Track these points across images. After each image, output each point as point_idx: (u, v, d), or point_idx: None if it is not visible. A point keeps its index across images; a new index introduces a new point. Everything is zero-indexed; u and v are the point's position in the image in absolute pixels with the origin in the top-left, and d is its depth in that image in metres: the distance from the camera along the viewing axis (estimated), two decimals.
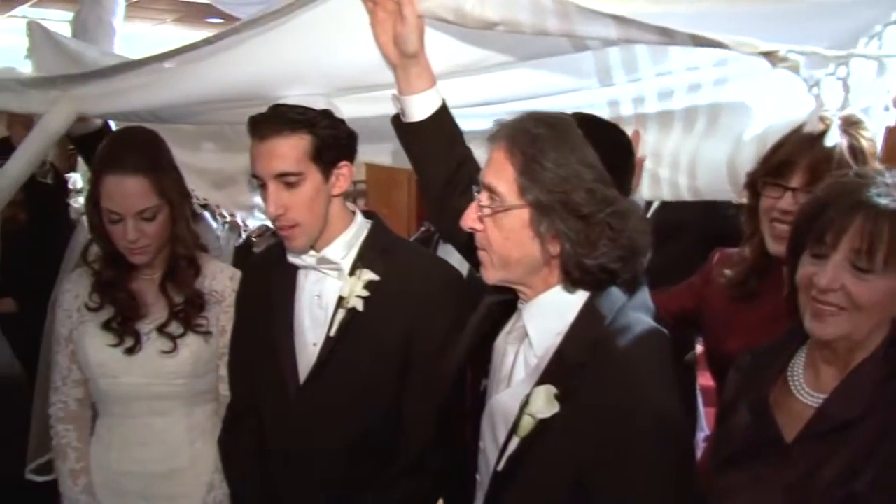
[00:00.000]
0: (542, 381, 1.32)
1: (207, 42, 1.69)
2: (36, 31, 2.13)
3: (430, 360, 1.67)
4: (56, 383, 1.95)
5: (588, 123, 1.36)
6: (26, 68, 2.06)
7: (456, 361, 1.61)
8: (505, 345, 1.47)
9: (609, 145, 1.34)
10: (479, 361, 1.54)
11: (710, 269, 1.94)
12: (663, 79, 1.86)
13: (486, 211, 1.35)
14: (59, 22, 2.22)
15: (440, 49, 1.63)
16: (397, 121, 1.70)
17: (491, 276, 1.40)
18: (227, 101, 1.81)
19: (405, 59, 1.59)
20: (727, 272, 1.83)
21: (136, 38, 2.18)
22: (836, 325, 1.30)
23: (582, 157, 1.30)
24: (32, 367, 2.19)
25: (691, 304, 1.92)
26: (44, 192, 2.20)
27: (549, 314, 1.37)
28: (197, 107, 1.88)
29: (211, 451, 1.92)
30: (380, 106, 1.77)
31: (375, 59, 1.63)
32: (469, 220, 1.38)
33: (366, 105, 1.82)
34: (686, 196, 2.01)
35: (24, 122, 2.13)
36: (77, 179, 3.43)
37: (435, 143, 1.68)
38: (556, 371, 1.32)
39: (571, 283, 1.35)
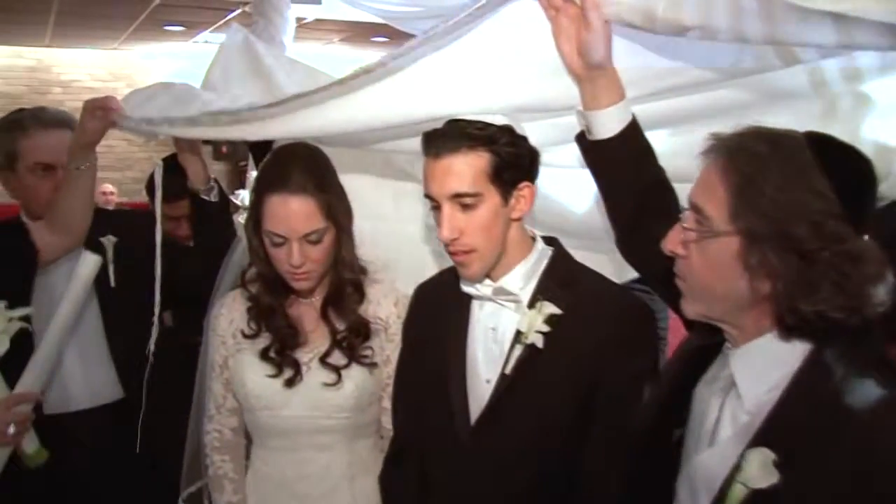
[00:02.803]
0: (755, 442, 1.15)
1: (381, 64, 1.58)
2: (235, 34, 2.10)
3: (616, 405, 1.49)
4: (210, 411, 1.90)
5: (822, 145, 1.16)
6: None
7: (649, 411, 1.42)
8: (708, 395, 1.28)
9: (846, 173, 1.14)
10: (673, 407, 1.35)
11: None
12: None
13: (692, 235, 1.20)
14: None
15: (628, 59, 1.47)
16: (582, 139, 1.55)
17: (690, 309, 1.26)
18: (398, 126, 1.70)
19: (591, 71, 1.44)
20: None
21: (304, 57, 2.19)
22: None
23: (809, 184, 1.11)
24: (188, 386, 2.18)
25: None
26: (209, 209, 2.16)
27: (762, 364, 1.20)
28: (366, 134, 1.78)
29: (372, 486, 1.80)
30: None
31: (558, 71, 1.49)
32: (671, 243, 1.24)
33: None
34: None
35: (191, 142, 2.10)
36: (245, 196, 3.49)
37: (624, 161, 1.51)
38: (775, 433, 1.14)
39: (786, 329, 1.16)
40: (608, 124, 1.48)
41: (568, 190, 1.92)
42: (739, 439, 1.17)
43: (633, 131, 1.49)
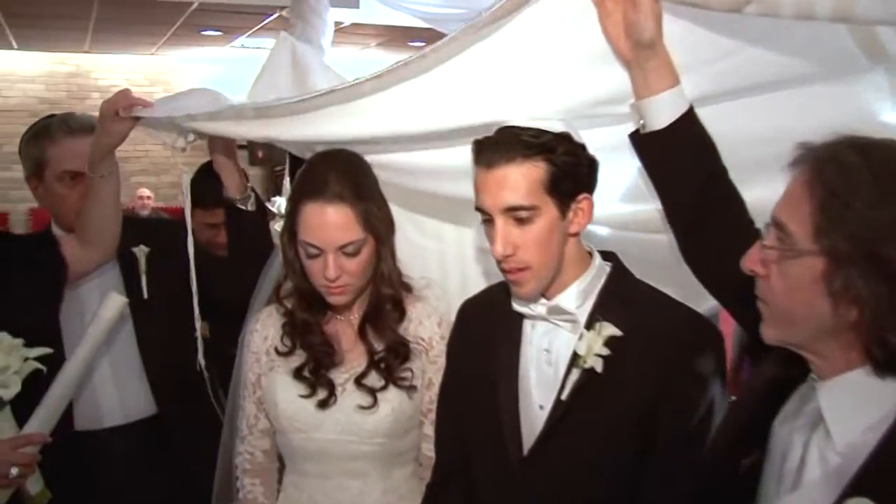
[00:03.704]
0: (853, 490, 1.02)
1: (421, 56, 1.49)
2: (283, 44, 2.04)
3: (682, 433, 1.38)
4: (242, 432, 1.81)
5: None
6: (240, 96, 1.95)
7: (719, 444, 1.31)
8: (789, 430, 1.17)
9: None
10: (745, 441, 1.25)
11: None
12: None
13: (772, 254, 1.10)
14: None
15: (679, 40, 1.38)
16: (635, 136, 1.45)
17: (768, 334, 1.16)
18: (439, 132, 1.60)
19: (640, 52, 1.36)
20: None
21: (341, 63, 2.14)
22: None
23: None
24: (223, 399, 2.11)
25: None
26: (245, 218, 2.07)
27: (855, 401, 1.08)
28: (407, 142, 1.69)
29: None
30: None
31: (607, 60, 1.41)
32: (750, 261, 1.14)
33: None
34: None
35: (226, 148, 2.01)
36: (282, 204, 3.40)
37: (680, 153, 1.41)
38: (877, 481, 1.02)
39: (877, 364, 1.05)
40: (662, 112, 1.39)
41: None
42: (831, 484, 1.06)
43: (690, 120, 1.40)
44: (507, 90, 1.48)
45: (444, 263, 1.98)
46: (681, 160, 1.41)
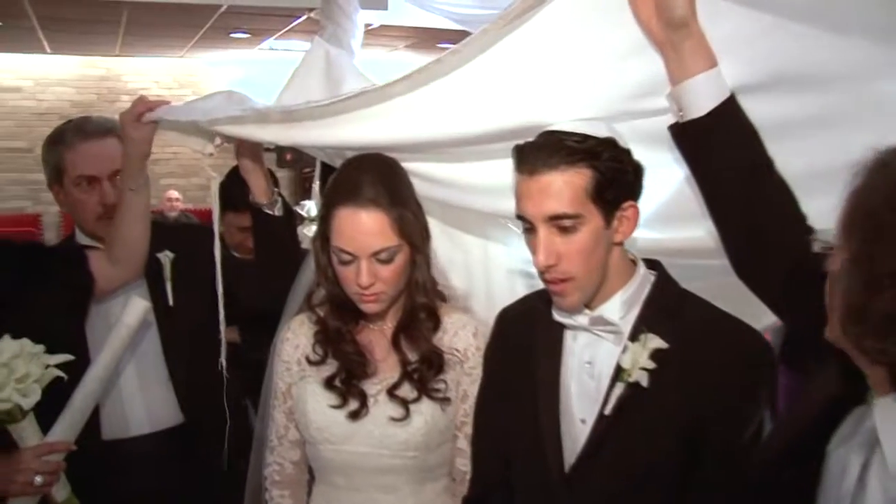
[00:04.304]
0: None
1: (454, 52, 1.45)
2: (316, 50, 2.01)
3: (729, 453, 1.32)
4: (272, 442, 1.76)
5: None
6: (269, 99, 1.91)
7: (769, 462, 1.24)
8: (846, 452, 1.10)
9: None
10: (797, 461, 1.18)
11: None
12: None
13: (832, 253, 1.09)
14: (301, 53, 2.14)
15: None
16: (674, 127, 1.39)
17: (826, 331, 1.13)
18: (472, 138, 1.55)
19: (674, 32, 1.31)
20: None
21: (369, 64, 2.14)
22: None
23: None
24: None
25: None
26: (271, 223, 2.03)
27: None
28: (433, 148, 1.64)
29: None
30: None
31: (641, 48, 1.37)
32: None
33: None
34: None
35: (252, 152, 1.97)
36: (311, 207, 3.36)
37: (723, 143, 1.34)
38: None
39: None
40: (700, 98, 1.33)
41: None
42: None
43: (732, 108, 1.34)
44: (539, 86, 1.44)
45: (470, 276, 1.93)
46: (722, 149, 1.35)
